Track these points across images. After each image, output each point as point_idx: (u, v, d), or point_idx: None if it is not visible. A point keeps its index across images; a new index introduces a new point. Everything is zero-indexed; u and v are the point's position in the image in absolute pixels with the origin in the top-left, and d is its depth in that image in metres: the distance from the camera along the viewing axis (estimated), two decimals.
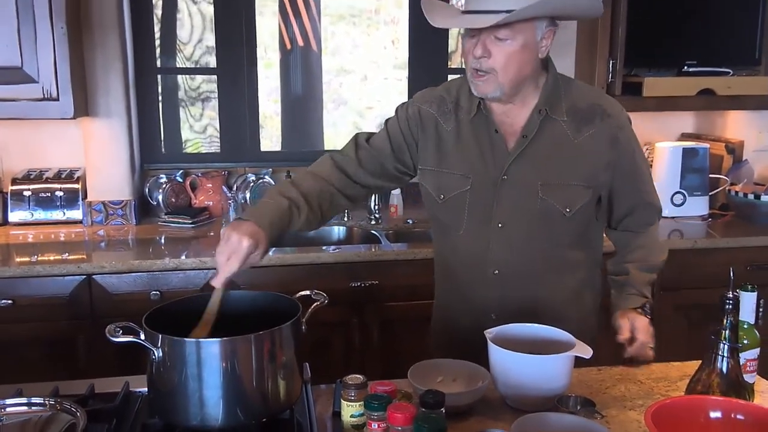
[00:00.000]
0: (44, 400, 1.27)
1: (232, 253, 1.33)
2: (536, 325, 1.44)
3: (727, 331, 1.22)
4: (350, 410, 1.21)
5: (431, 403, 1.13)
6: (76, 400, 1.27)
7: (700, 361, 1.27)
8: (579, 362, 1.33)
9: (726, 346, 1.22)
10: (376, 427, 1.13)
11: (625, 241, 1.69)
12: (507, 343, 1.35)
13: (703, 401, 1.16)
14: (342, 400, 1.22)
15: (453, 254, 1.64)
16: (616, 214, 1.66)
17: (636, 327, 1.52)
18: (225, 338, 1.18)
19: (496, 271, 1.57)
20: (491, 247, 1.56)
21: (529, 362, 1.30)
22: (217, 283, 1.33)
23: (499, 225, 1.55)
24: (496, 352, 1.33)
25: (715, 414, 1.14)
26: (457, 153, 1.58)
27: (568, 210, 1.53)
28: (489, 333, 1.38)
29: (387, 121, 1.69)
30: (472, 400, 1.31)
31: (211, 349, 1.18)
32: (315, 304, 1.36)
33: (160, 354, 1.19)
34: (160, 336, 1.19)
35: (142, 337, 1.21)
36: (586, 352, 1.31)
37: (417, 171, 1.66)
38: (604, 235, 1.72)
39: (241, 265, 1.33)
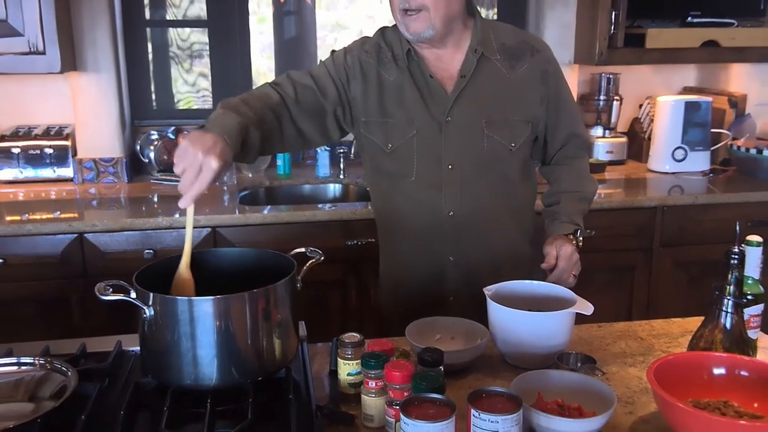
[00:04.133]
0: (34, 360, 1.25)
1: (198, 171, 1.20)
2: (536, 282, 1.42)
3: (731, 287, 1.19)
4: (347, 369, 1.18)
5: (429, 361, 1.11)
6: (67, 360, 1.25)
7: (703, 317, 1.25)
8: (579, 319, 1.31)
9: (730, 302, 1.19)
10: (374, 385, 1.11)
11: (557, 173, 1.73)
12: (506, 300, 1.32)
13: (707, 357, 1.14)
14: (339, 359, 1.20)
15: (406, 202, 1.63)
16: (550, 148, 1.71)
17: (560, 254, 1.55)
18: (218, 296, 1.15)
19: (451, 213, 1.59)
20: (444, 190, 1.58)
21: (529, 320, 1.27)
22: (185, 203, 1.22)
23: (450, 166, 1.57)
24: (495, 310, 1.30)
25: (718, 370, 1.12)
26: (400, 101, 1.59)
27: (513, 145, 1.59)
28: (488, 290, 1.35)
29: (324, 62, 1.63)
30: (470, 358, 1.29)
31: (205, 307, 1.14)
32: (310, 261, 1.33)
33: (152, 313, 1.16)
34: (151, 294, 1.16)
35: (133, 295, 1.18)
36: (586, 308, 1.28)
37: (357, 125, 1.63)
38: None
39: (209, 186, 1.22)
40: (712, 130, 2.97)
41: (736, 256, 1.19)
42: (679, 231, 2.64)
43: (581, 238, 1.62)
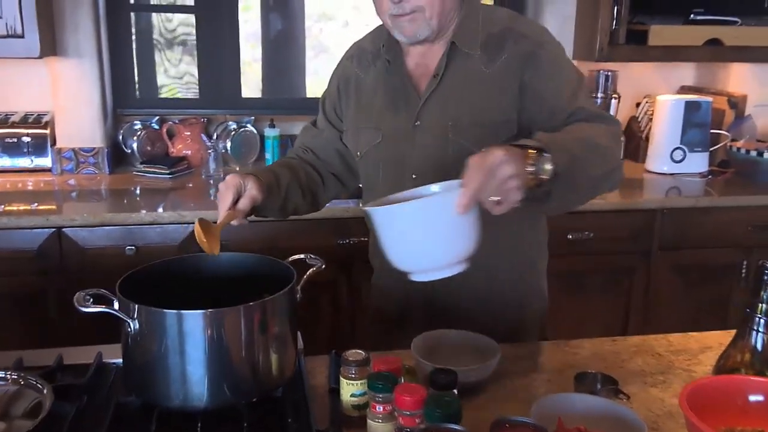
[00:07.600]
0: (6, 374, 1.13)
1: (225, 192, 1.29)
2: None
3: (764, 305, 1.11)
4: (351, 389, 1.09)
5: (443, 383, 1.02)
6: (42, 374, 1.14)
7: (720, 331, 1.17)
8: (591, 332, 1.22)
9: (762, 321, 1.11)
10: (381, 410, 1.02)
11: None
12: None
13: (743, 382, 1.06)
14: (341, 378, 1.10)
15: None
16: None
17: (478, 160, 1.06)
18: (210, 309, 1.05)
19: None
20: None
21: (414, 210, 1.05)
22: (218, 221, 1.28)
23: (413, 176, 1.40)
24: (378, 215, 1.08)
25: (755, 397, 1.04)
26: (372, 106, 1.47)
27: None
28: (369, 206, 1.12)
29: (322, 95, 1.61)
30: (482, 377, 1.20)
31: (195, 321, 1.04)
32: (310, 269, 1.23)
33: (137, 326, 1.06)
34: (137, 306, 1.05)
35: (116, 306, 1.07)
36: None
37: None
38: None
39: (234, 196, 1.28)
40: (712, 131, 2.91)
41: None
42: (678, 234, 2.58)
43: (549, 168, 1.10)
